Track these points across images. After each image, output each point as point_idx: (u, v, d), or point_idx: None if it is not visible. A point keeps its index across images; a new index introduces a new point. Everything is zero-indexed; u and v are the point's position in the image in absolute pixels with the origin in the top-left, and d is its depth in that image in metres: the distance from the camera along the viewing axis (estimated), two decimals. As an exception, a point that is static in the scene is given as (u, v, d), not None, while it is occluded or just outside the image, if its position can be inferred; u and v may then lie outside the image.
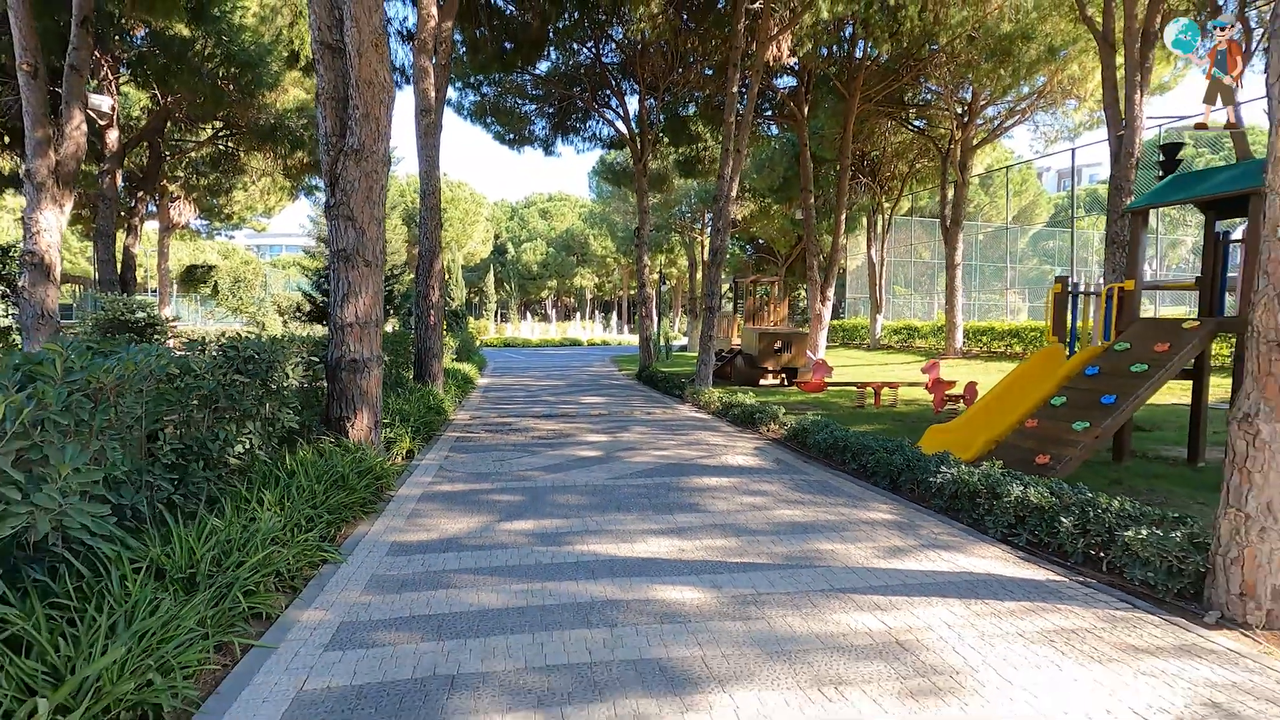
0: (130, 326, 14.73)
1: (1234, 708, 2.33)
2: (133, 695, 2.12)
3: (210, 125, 19.44)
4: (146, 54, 14.87)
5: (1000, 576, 3.59)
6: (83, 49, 9.85)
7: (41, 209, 9.39)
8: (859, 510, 4.86)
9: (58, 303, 9.77)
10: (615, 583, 3.45)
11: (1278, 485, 3.00)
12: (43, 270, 9.40)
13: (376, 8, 5.90)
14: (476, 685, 2.46)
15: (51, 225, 9.50)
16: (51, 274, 9.53)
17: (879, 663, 2.63)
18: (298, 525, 3.71)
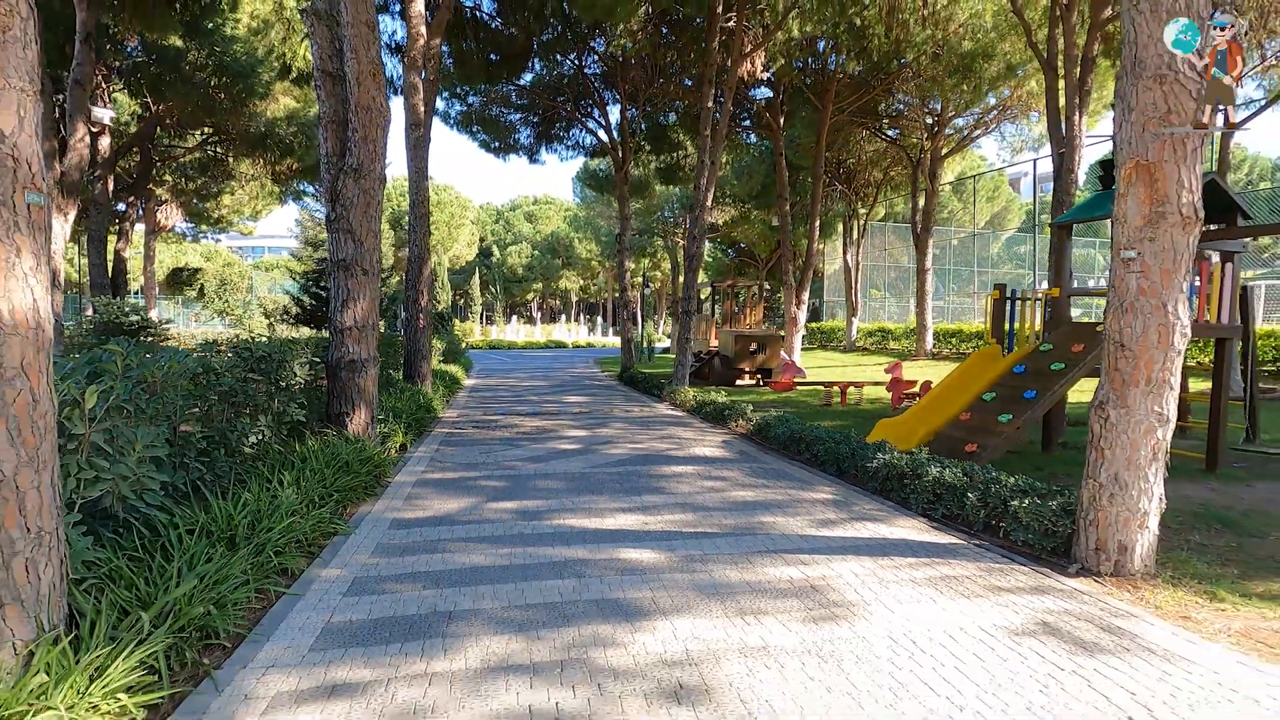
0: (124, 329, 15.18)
1: (1055, 624, 3.01)
2: (199, 619, 2.71)
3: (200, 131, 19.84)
4: (140, 64, 15.30)
5: (911, 541, 4.26)
6: (85, 64, 10.33)
7: (47, 217, 9.84)
8: (805, 492, 5.53)
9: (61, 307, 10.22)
10: (586, 548, 4.08)
11: (1123, 460, 3.68)
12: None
13: (373, 41, 6.50)
14: (470, 617, 3.08)
15: (56, 233, 9.96)
16: (56, 279, 9.98)
17: (793, 600, 3.28)
18: (312, 502, 4.30)
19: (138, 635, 2.38)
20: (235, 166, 21.45)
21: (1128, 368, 3.67)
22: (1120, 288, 3.71)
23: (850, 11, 13.95)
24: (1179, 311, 3.58)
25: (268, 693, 2.45)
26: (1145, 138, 3.52)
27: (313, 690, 2.47)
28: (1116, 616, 3.14)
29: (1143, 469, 3.65)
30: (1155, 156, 3.51)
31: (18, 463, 2.15)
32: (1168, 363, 3.60)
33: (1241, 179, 43.23)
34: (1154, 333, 3.59)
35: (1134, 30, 3.53)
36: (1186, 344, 3.66)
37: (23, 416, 2.16)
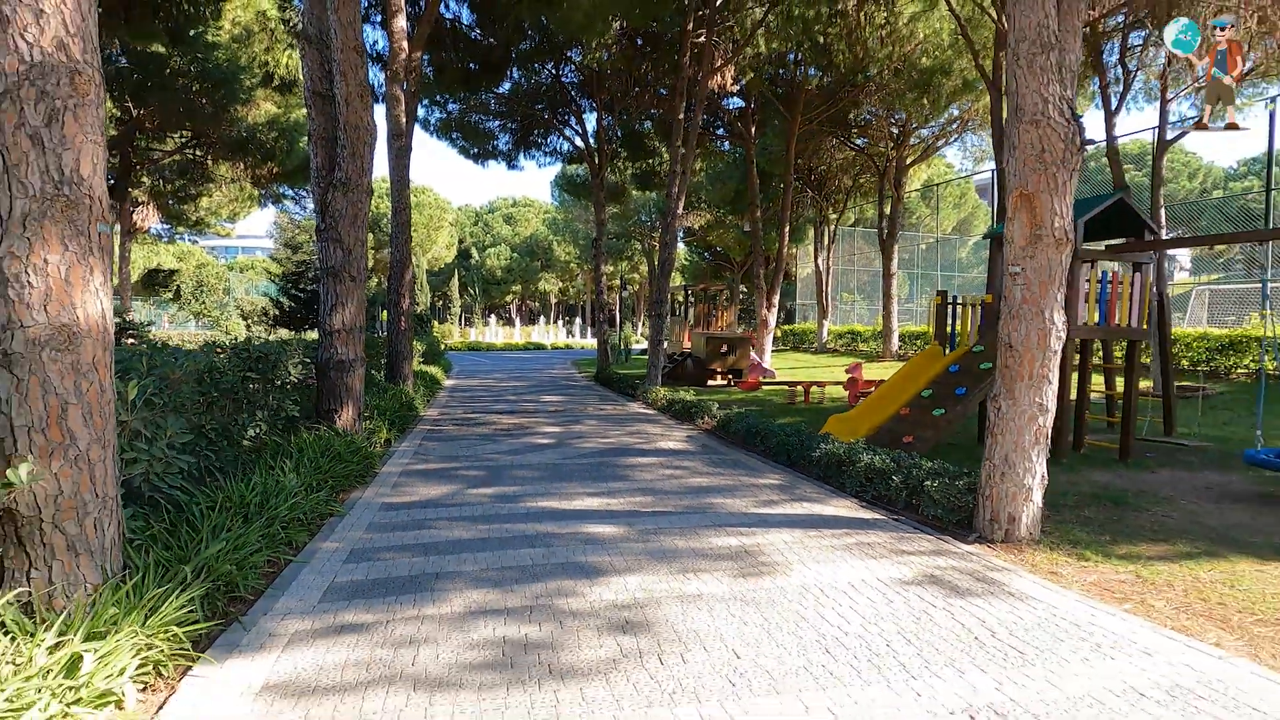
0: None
1: (941, 576, 3.65)
2: (226, 575, 3.23)
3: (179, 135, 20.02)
4: (123, 70, 15.54)
5: (840, 517, 4.90)
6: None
7: (37, 223, 10.15)
8: (754, 478, 6.15)
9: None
10: (555, 524, 4.65)
11: (1011, 444, 4.34)
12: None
13: (361, 65, 7.01)
14: (454, 577, 3.63)
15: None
16: (46, 283, 10.28)
17: (728, 561, 3.88)
18: (310, 486, 4.82)
19: (181, 584, 2.91)
20: (215, 170, 21.63)
21: (1015, 365, 4.33)
22: (1009, 298, 4.38)
23: (814, 30, 14.67)
24: (1055, 318, 4.24)
25: (287, 631, 2.99)
26: (1026, 171, 4.19)
27: (324, 629, 3.01)
28: (993, 571, 3.78)
29: (1027, 451, 4.31)
30: (1033, 188, 4.17)
31: (90, 440, 2.67)
32: (1046, 361, 4.27)
33: (1196, 188, 45.03)
34: (1034, 336, 4.26)
35: (1015, 82, 4.19)
36: (1062, 345, 4.33)
37: (94, 403, 2.68)
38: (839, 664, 2.70)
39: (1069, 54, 4.20)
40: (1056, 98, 4.09)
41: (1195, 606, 3.35)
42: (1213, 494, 5.65)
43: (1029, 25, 4.08)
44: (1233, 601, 3.40)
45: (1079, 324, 6.92)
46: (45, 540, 2.57)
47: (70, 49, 2.52)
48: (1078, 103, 15.62)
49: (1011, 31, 4.20)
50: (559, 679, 2.58)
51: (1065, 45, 4.18)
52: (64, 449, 2.58)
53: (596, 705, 2.40)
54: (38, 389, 2.53)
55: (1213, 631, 3.07)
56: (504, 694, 2.47)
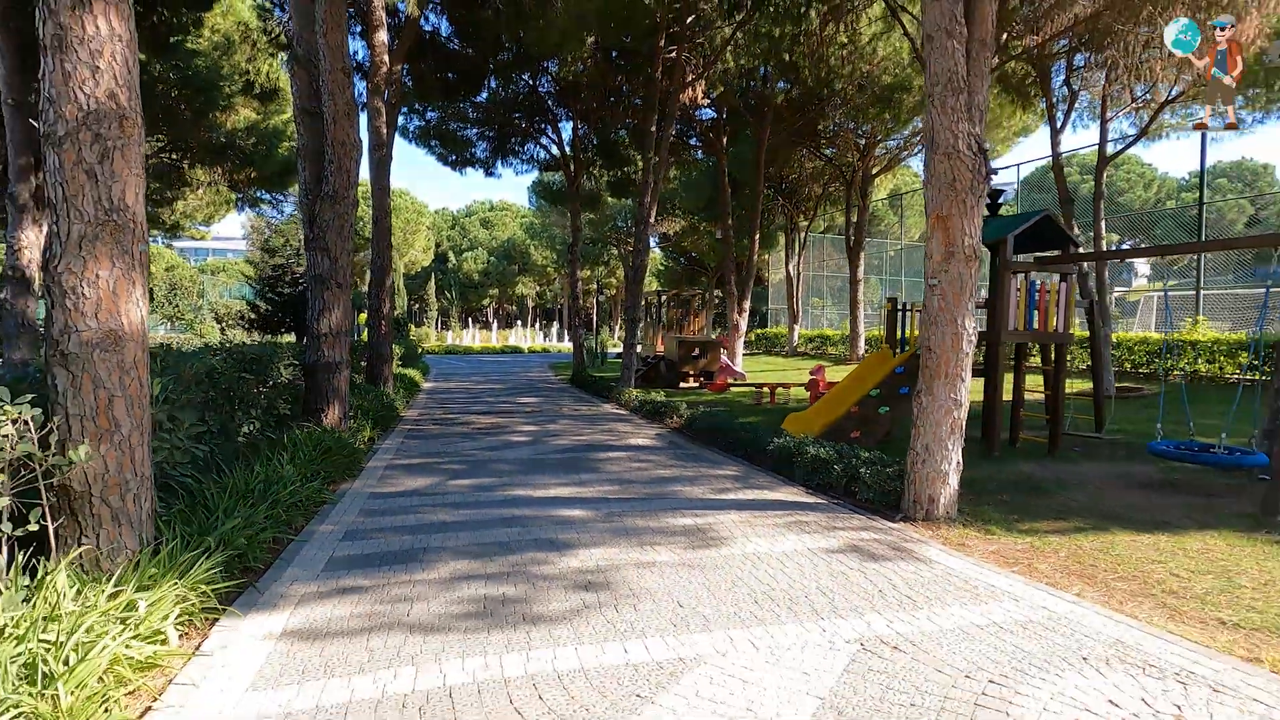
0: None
1: (862, 547, 4.24)
2: (240, 548, 3.71)
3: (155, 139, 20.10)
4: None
5: (786, 501, 5.48)
6: (60, 84, 10.91)
7: (23, 229, 10.42)
8: (713, 469, 6.72)
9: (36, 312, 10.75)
10: (530, 508, 5.17)
11: (931, 434, 4.96)
12: (24, 284, 10.41)
13: (348, 85, 7.47)
14: (439, 551, 4.14)
15: (32, 243, 10.52)
16: (32, 288, 10.54)
17: (681, 536, 4.44)
18: (305, 477, 5.27)
19: (205, 551, 3.37)
20: (192, 174, 21.71)
21: (933, 365, 4.95)
22: (928, 307, 5.00)
23: (781, 48, 15.37)
24: (966, 324, 4.88)
25: (296, 593, 3.47)
26: (940, 197, 4.82)
27: (329, 591, 3.50)
28: (908, 542, 4.39)
29: (944, 441, 4.93)
30: (947, 211, 4.80)
31: (131, 427, 3.13)
32: (960, 362, 4.90)
33: (1151, 197, 46.87)
34: (949, 340, 4.88)
35: (931, 121, 4.82)
36: (973, 348, 4.96)
37: (134, 396, 3.15)
38: (763, 610, 3.26)
39: (977, 95, 4.85)
40: (965, 134, 4.72)
41: (1071, 567, 3.98)
42: (1121, 482, 6.33)
43: (941, 71, 4.71)
44: (1103, 563, 4.04)
45: (1009, 329, 7.62)
46: (94, 512, 3.04)
47: (119, 98, 3.00)
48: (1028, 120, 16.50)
49: (927, 76, 4.84)
50: (531, 623, 3.11)
51: (973, 88, 4.82)
52: (110, 434, 3.05)
53: (561, 640, 2.93)
54: (89, 384, 2.99)
55: (1078, 585, 3.69)
56: (485, 634, 2.99)
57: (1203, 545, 4.36)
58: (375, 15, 11.80)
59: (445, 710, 2.39)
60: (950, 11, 4.68)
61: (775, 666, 2.70)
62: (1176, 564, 4.00)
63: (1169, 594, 3.55)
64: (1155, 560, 4.07)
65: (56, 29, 2.85)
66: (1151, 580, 3.75)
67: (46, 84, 2.91)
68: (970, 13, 4.88)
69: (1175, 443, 6.69)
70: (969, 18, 4.86)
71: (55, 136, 2.89)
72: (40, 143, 2.99)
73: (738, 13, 14.26)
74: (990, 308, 7.68)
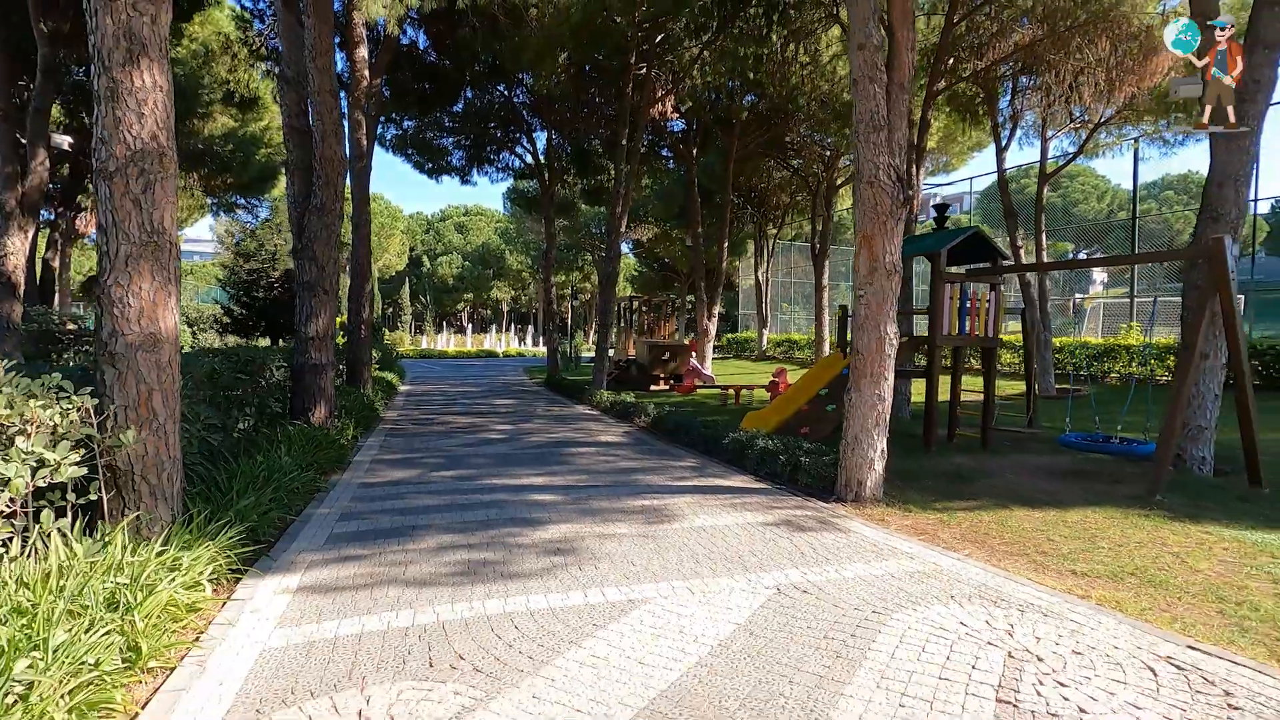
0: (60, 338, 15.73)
1: (793, 521, 4.94)
2: (252, 523, 4.26)
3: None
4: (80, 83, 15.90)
5: (735, 487, 6.16)
6: (46, 95, 11.24)
7: (9, 235, 10.72)
8: (674, 462, 7.38)
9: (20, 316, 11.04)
10: (506, 494, 5.77)
11: (860, 425, 5.67)
12: (9, 288, 10.72)
13: (335, 106, 8.01)
14: (427, 527, 4.73)
15: (18, 249, 10.83)
16: (17, 292, 10.84)
17: (639, 515, 5.08)
18: (301, 467, 5.81)
19: (226, 523, 3.92)
20: (167, 178, 21.82)
21: (861, 366, 5.67)
22: (857, 315, 5.72)
23: (746, 66, 16.16)
24: (888, 330, 5.60)
25: (305, 560, 4.04)
26: (865, 220, 5.55)
27: (333, 558, 4.08)
28: (835, 518, 5.09)
29: (870, 431, 5.65)
30: (871, 232, 5.53)
31: (165, 416, 3.68)
32: (883, 362, 5.62)
33: (1104, 208, 48.89)
34: (874, 343, 5.61)
35: (858, 154, 5.55)
36: (895, 351, 5.69)
37: (168, 390, 3.70)
38: (702, 567, 3.92)
39: (896, 132, 5.59)
40: (886, 165, 5.46)
41: (967, 536, 4.71)
42: (1038, 471, 7.11)
43: (865, 111, 5.45)
44: (995, 533, 4.77)
45: (945, 334, 8.41)
46: (135, 488, 3.58)
47: (159, 138, 3.56)
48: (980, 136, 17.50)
49: (854, 115, 5.56)
50: (508, 579, 3.73)
51: (893, 125, 5.56)
52: (149, 422, 3.60)
53: (534, 591, 3.56)
54: (133, 379, 3.54)
55: (968, 548, 4.41)
56: (470, 587, 3.60)
57: (1083, 519, 5.12)
58: (356, 32, 12.31)
59: (440, 637, 3.00)
60: (873, 60, 5.41)
61: (705, 605, 3.36)
62: (1054, 532, 4.75)
63: (1039, 553, 4.29)
64: (1039, 530, 4.82)
65: (110, 82, 3.41)
66: (1029, 544, 4.49)
67: (99, 127, 3.46)
68: (891, 60, 5.63)
69: (1082, 435, 7.53)
70: (890, 65, 5.60)
71: (107, 171, 3.44)
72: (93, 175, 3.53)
73: (704, 33, 15.00)
74: (930, 314, 8.47)
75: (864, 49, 5.36)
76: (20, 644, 2.20)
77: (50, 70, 11.20)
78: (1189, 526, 4.88)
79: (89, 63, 3.43)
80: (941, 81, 13.11)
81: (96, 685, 2.30)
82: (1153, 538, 4.62)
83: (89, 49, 3.45)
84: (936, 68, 12.22)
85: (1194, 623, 3.22)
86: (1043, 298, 15.01)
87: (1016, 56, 13.48)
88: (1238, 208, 6.93)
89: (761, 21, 13.92)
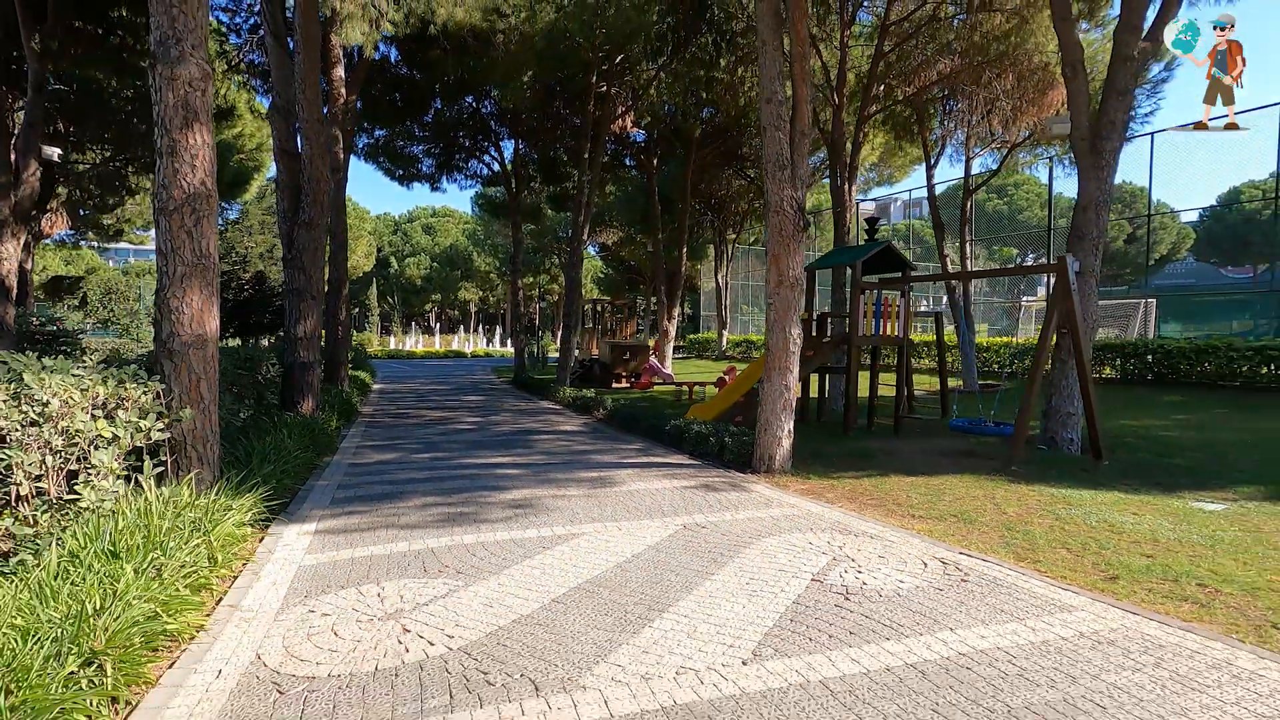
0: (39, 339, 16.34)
1: (711, 485, 6.14)
2: (274, 484, 5.29)
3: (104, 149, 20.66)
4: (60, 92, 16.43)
5: (670, 463, 7.35)
6: (37, 109, 11.93)
7: (3, 242, 11.40)
8: (624, 445, 8.55)
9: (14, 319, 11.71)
10: (477, 470, 6.86)
11: (770, 411, 6.89)
12: (3, 292, 11.40)
13: (323, 132, 8.99)
14: (412, 493, 5.81)
15: (11, 254, 11.51)
16: (10, 295, 11.52)
17: (587, 483, 6.23)
18: (300, 448, 6.82)
19: (255, 485, 4.96)
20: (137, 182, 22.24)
21: (771, 362, 6.90)
22: (768, 320, 6.95)
23: (699, 86, 17.42)
24: (792, 333, 6.84)
25: (316, 515, 5.09)
26: (773, 242, 6.77)
27: (339, 513, 5.14)
28: (745, 483, 6.31)
29: (779, 415, 6.88)
30: (778, 251, 6.77)
31: (209, 399, 4.71)
32: (788, 359, 6.85)
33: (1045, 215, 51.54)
34: (781, 343, 6.84)
35: (768, 186, 6.77)
36: (798, 350, 6.93)
37: (211, 379, 4.72)
38: (631, 514, 5.09)
39: (799, 170, 6.83)
40: (789, 198, 6.70)
41: (846, 495, 5.95)
42: (934, 452, 8.43)
43: (772, 153, 6.68)
44: (869, 492, 6.03)
45: (861, 334, 9.72)
46: (187, 455, 4.61)
47: (206, 183, 4.59)
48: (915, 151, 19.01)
49: (764, 155, 6.79)
50: (480, 523, 4.84)
51: (796, 164, 6.80)
52: (198, 403, 4.63)
53: (499, 530, 4.68)
54: (185, 370, 4.57)
55: (842, 502, 5.66)
56: (450, 528, 4.71)
57: (943, 483, 6.42)
58: (334, 53, 13.22)
59: (429, 556, 4.11)
60: (778, 112, 6.65)
61: (628, 535, 4.53)
62: (915, 491, 6.03)
63: (895, 504, 5.56)
64: (904, 490, 6.09)
65: (170, 141, 4.43)
66: (890, 499, 5.76)
67: (160, 175, 4.48)
68: (794, 112, 6.87)
69: (966, 420, 8.90)
70: (793, 116, 6.84)
71: (167, 209, 4.46)
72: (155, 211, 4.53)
73: (660, 56, 16.21)
74: (850, 317, 9.79)
75: (770, 103, 6.60)
76: (148, 546, 3.26)
77: (40, 86, 11.89)
78: (1022, 487, 6.21)
79: (68, 74, 4.41)
80: (874, 106, 14.53)
81: (199, 572, 3.37)
82: (988, 494, 5.92)
83: (153, 116, 4.47)
84: (868, 93, 13.61)
85: (977, 542, 4.49)
86: (967, 302, 16.58)
87: (941, 84, 14.93)
88: (1098, 228, 8.32)
89: (711, 48, 15.17)
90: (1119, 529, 4.77)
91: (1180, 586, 3.63)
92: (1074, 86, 8.25)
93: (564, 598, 3.45)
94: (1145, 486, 6.20)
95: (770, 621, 3.14)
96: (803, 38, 6.71)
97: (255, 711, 2.42)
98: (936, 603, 3.38)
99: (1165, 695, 2.48)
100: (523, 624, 3.13)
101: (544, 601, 3.40)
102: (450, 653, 2.84)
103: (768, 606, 3.32)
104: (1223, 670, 2.68)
